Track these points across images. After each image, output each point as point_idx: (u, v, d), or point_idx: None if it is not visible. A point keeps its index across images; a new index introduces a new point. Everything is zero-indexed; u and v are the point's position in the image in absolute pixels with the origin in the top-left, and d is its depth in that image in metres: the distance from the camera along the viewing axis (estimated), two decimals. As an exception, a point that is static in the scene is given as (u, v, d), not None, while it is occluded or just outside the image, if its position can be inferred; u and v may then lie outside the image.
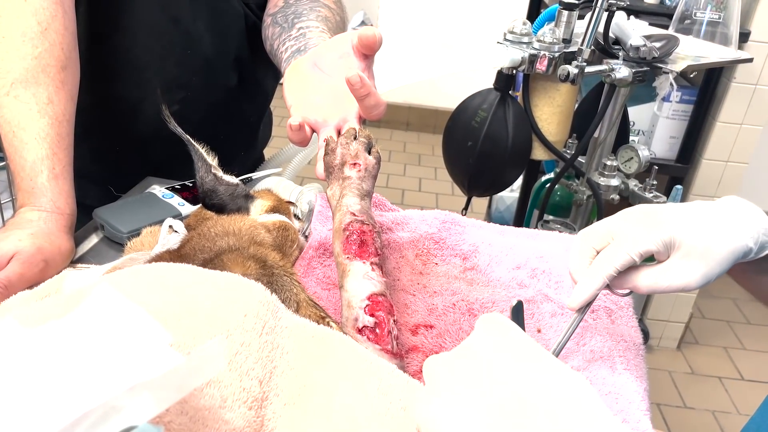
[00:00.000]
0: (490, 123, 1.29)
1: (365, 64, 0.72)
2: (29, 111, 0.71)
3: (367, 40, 0.69)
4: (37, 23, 0.72)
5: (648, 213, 0.61)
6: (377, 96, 0.67)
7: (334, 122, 0.70)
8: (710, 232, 0.58)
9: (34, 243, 0.66)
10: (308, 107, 0.71)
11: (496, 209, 2.34)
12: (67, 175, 0.73)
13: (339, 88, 0.70)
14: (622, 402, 0.60)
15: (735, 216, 0.60)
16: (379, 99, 0.67)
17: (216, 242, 0.61)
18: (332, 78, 0.73)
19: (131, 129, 0.97)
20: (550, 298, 0.72)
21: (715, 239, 0.58)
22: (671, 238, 0.58)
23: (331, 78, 0.73)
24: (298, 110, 0.72)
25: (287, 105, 0.73)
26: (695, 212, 0.60)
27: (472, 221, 0.87)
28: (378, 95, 0.67)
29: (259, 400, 0.44)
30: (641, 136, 1.88)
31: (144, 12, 0.89)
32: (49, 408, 0.26)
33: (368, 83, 0.66)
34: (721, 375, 2.10)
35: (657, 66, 1.28)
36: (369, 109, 0.68)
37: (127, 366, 0.30)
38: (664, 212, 0.60)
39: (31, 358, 0.29)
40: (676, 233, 0.58)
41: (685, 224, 0.59)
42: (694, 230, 0.58)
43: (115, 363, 0.30)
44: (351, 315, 0.56)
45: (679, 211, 0.60)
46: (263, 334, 0.48)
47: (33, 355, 0.29)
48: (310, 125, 0.70)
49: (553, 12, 1.40)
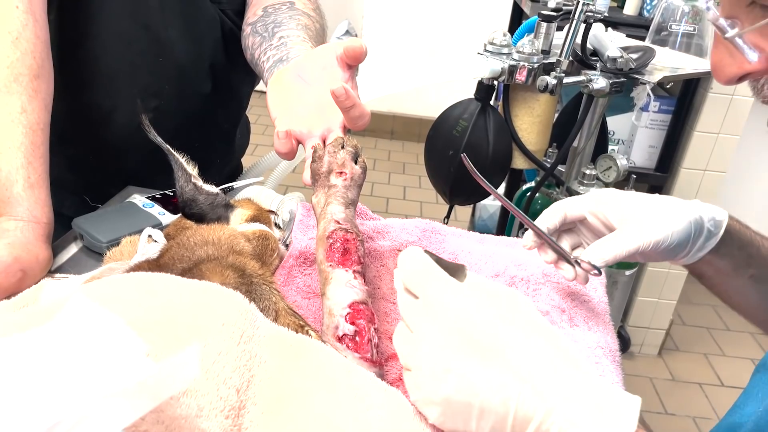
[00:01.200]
0: (470, 132, 1.30)
1: (349, 75, 0.73)
2: (2, 120, 0.70)
3: (353, 52, 0.70)
4: (8, 32, 0.71)
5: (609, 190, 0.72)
6: (362, 107, 0.68)
7: (319, 133, 0.71)
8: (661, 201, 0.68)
9: (11, 253, 0.65)
10: (293, 118, 0.72)
11: (479, 217, 2.36)
12: (44, 184, 0.72)
13: (323, 99, 0.71)
14: (598, 408, 0.61)
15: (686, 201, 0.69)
16: (363, 110, 0.68)
17: (195, 251, 0.61)
18: (316, 89, 0.73)
19: (105, 137, 0.97)
20: (528, 306, 0.73)
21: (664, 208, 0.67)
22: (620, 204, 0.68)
23: (314, 89, 0.74)
24: (282, 121, 0.72)
25: (272, 117, 0.74)
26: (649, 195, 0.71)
27: (452, 230, 0.88)
28: (362, 106, 0.68)
29: (237, 409, 0.45)
30: (620, 145, 1.91)
31: (113, 19, 0.88)
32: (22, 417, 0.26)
33: (353, 95, 0.66)
34: (702, 381, 2.13)
35: (634, 77, 1.30)
36: (354, 120, 0.69)
37: (101, 375, 0.30)
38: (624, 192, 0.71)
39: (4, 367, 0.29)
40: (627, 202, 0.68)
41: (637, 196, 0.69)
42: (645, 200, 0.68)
43: (90, 372, 0.30)
44: (332, 323, 0.56)
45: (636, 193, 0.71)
46: (241, 342, 0.48)
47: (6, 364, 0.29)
48: (296, 136, 0.71)
49: (532, 24, 1.42)
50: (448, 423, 0.46)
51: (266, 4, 0.93)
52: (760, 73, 0.54)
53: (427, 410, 0.46)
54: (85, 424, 0.26)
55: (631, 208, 0.67)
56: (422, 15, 3.38)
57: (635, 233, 0.65)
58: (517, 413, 0.43)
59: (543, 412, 0.43)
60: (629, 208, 0.67)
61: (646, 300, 2.11)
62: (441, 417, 0.46)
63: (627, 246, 0.65)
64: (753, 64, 0.53)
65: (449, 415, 0.45)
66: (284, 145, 0.71)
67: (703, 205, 0.69)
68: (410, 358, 0.48)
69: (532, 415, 0.43)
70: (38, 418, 0.26)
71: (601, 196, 0.70)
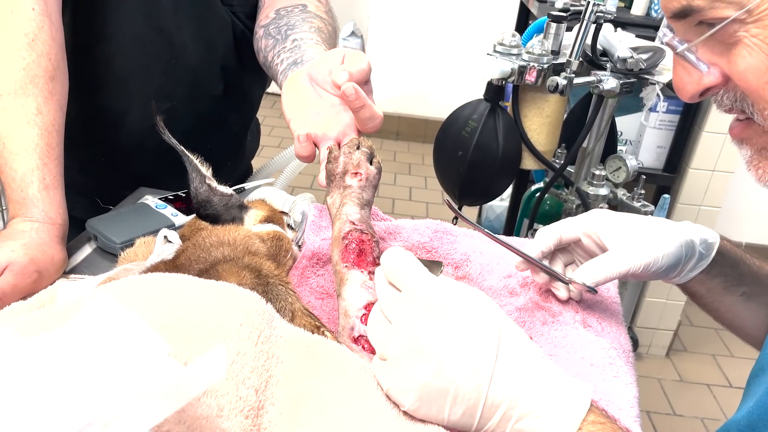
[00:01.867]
0: (480, 133, 1.31)
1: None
2: (18, 122, 0.71)
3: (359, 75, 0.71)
4: (24, 35, 0.72)
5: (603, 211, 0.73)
6: (372, 108, 0.68)
7: (333, 135, 0.72)
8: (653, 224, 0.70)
9: (27, 254, 0.66)
10: (308, 121, 0.72)
11: (486, 218, 2.35)
12: (58, 185, 0.73)
13: (336, 102, 0.71)
14: (612, 409, 0.61)
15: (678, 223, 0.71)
16: (374, 111, 0.69)
17: (211, 252, 0.61)
18: (329, 92, 0.74)
19: (117, 140, 0.97)
20: (541, 306, 0.73)
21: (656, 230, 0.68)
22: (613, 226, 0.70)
23: (327, 92, 0.74)
24: (297, 124, 0.73)
25: (286, 119, 0.74)
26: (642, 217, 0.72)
27: (464, 230, 0.88)
28: (373, 108, 0.68)
29: (256, 409, 0.45)
30: (629, 145, 1.91)
31: (127, 22, 0.89)
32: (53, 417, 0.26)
33: (363, 95, 0.67)
34: (710, 382, 2.12)
35: (644, 77, 1.30)
36: (364, 122, 0.69)
37: (127, 375, 0.30)
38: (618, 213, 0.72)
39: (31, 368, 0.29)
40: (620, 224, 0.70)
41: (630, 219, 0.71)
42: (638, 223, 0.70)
43: (116, 372, 0.31)
44: (347, 324, 0.56)
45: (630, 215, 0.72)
46: (259, 343, 0.48)
47: (33, 364, 0.30)
48: (312, 139, 0.72)
49: (541, 24, 1.42)
50: (423, 409, 0.47)
51: (279, 7, 0.93)
52: (719, 87, 0.57)
53: (402, 398, 0.48)
54: (116, 425, 0.26)
55: (624, 230, 0.69)
56: (428, 16, 3.38)
57: (626, 255, 0.67)
58: (487, 399, 0.46)
59: (510, 398, 0.46)
60: (622, 231, 0.69)
61: (654, 301, 2.10)
62: (416, 403, 0.47)
63: (618, 268, 0.67)
64: (709, 79, 0.56)
65: (425, 401, 0.47)
66: (305, 149, 0.71)
67: (695, 228, 0.71)
68: (387, 346, 0.50)
69: (500, 401, 0.46)
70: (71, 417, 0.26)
71: (596, 218, 0.72)
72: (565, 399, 0.47)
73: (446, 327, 0.48)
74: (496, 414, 0.46)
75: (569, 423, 0.46)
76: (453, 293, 0.50)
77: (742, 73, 0.53)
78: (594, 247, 0.72)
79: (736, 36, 0.52)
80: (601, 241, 0.70)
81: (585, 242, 0.72)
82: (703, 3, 0.52)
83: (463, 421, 0.47)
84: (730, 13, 0.51)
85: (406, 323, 0.49)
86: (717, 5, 0.51)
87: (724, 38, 0.53)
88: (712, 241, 0.71)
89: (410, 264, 0.52)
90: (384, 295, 0.53)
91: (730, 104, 0.57)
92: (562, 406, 0.46)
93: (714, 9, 0.52)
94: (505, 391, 0.46)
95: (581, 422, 0.46)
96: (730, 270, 0.73)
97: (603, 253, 0.70)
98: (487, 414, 0.47)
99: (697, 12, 0.53)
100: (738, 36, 0.52)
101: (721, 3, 0.51)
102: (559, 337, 0.68)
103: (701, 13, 0.53)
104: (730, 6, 0.51)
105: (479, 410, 0.46)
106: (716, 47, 0.55)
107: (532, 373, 0.47)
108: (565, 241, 0.73)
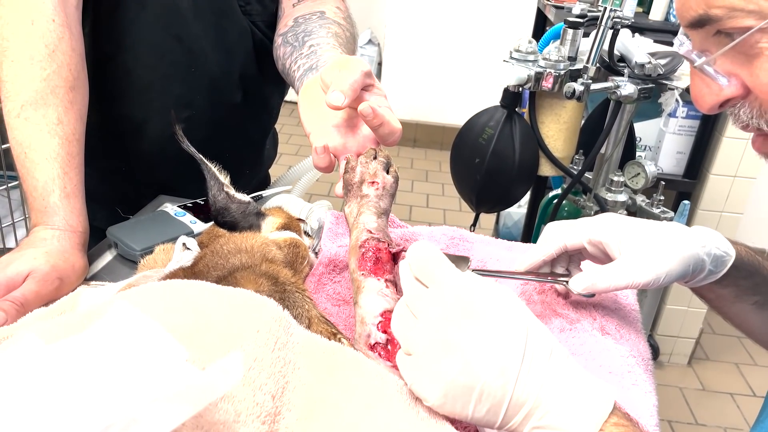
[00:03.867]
0: (497, 140, 1.30)
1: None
2: (39, 132, 0.72)
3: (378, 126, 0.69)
4: (45, 46, 0.73)
5: (612, 216, 0.70)
6: (391, 124, 0.68)
7: (354, 148, 0.72)
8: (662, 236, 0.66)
9: (49, 261, 0.67)
10: (327, 135, 0.73)
11: (503, 225, 2.35)
12: (79, 194, 0.74)
13: (352, 113, 0.71)
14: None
15: (691, 232, 0.67)
16: (392, 127, 0.68)
17: (229, 259, 0.62)
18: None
19: (137, 149, 0.98)
20: (559, 313, 0.73)
21: (664, 243, 0.65)
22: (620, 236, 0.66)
23: None
24: (317, 137, 0.73)
25: (306, 131, 0.75)
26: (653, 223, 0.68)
27: (480, 237, 0.88)
28: (392, 123, 0.68)
29: (272, 415, 0.45)
30: (648, 151, 1.89)
31: (146, 31, 0.90)
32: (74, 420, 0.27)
33: (380, 114, 0.66)
34: (733, 391, 2.08)
35: (662, 83, 1.29)
36: (384, 137, 0.69)
37: (146, 380, 0.31)
38: (627, 219, 0.69)
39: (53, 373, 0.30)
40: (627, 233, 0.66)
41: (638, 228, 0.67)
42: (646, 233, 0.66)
43: (135, 377, 0.31)
44: (364, 331, 0.56)
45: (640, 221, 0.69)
46: (275, 349, 0.48)
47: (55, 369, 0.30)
48: (332, 152, 0.72)
49: (558, 30, 1.42)
50: (448, 406, 0.47)
51: (297, 15, 0.94)
52: (738, 98, 0.55)
53: (426, 393, 0.48)
54: (134, 428, 0.27)
55: (631, 241, 0.66)
56: (444, 23, 3.38)
57: (628, 271, 0.64)
58: (512, 398, 0.46)
59: (534, 398, 0.46)
60: (629, 242, 0.66)
61: (675, 308, 2.08)
62: (441, 399, 0.47)
63: (617, 282, 0.65)
64: (729, 90, 0.54)
65: (449, 398, 0.47)
66: (323, 160, 0.71)
67: (710, 240, 0.67)
68: (413, 342, 0.49)
69: (525, 400, 0.46)
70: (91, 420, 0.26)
71: (602, 225, 0.69)
72: (588, 400, 0.46)
73: (474, 324, 0.47)
74: (520, 412, 0.46)
75: (591, 423, 0.45)
76: (481, 290, 0.50)
77: (765, 86, 0.51)
78: (600, 255, 0.70)
79: (758, 47, 0.50)
80: (607, 250, 0.68)
81: (590, 250, 0.70)
82: (721, 12, 0.50)
83: (487, 418, 0.47)
84: (751, 23, 0.49)
85: (433, 319, 0.48)
86: (736, 15, 0.49)
87: (744, 49, 0.51)
88: (726, 258, 0.67)
89: (438, 259, 0.51)
90: (410, 289, 0.52)
91: (746, 120, 0.55)
92: (584, 407, 0.46)
93: (733, 19, 0.50)
94: (530, 390, 0.46)
95: (603, 423, 0.45)
96: (744, 281, 0.70)
97: (608, 261, 0.68)
98: (511, 412, 0.46)
99: (714, 21, 0.51)
100: (760, 47, 0.50)
101: (740, 12, 0.49)
102: (576, 344, 0.68)
103: (719, 22, 0.51)
104: (750, 16, 0.49)
105: (504, 408, 0.46)
106: (736, 58, 0.53)
107: (557, 374, 0.47)
108: (570, 249, 0.71)
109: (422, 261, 0.51)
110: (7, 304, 0.61)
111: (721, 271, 0.67)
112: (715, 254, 0.66)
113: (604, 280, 0.65)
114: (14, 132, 0.73)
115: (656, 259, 0.64)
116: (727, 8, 0.50)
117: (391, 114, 0.69)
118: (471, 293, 0.49)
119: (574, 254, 0.73)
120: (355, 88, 0.67)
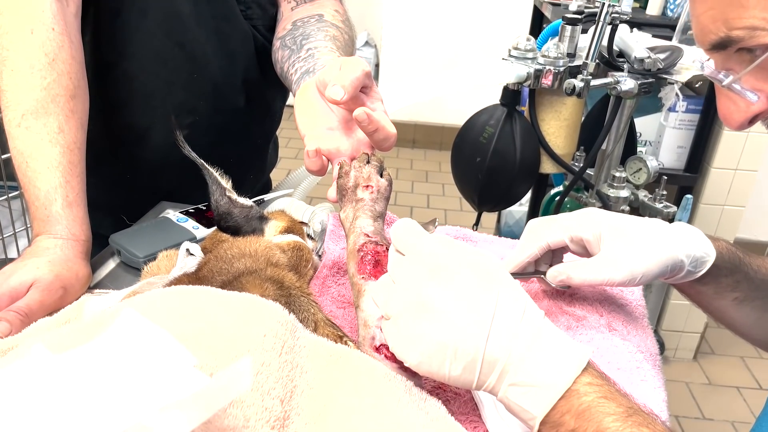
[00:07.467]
0: (497, 138, 1.30)
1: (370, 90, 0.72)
2: (41, 141, 0.72)
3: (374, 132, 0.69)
4: (45, 54, 0.73)
5: (593, 212, 0.71)
6: (386, 129, 0.68)
7: (348, 152, 0.72)
8: (641, 235, 0.67)
9: (52, 270, 0.67)
10: (321, 138, 0.72)
11: (505, 224, 2.34)
12: (81, 202, 0.74)
13: (347, 116, 0.71)
14: (641, 413, 0.60)
15: (672, 230, 0.68)
16: (387, 132, 0.68)
17: (233, 264, 0.62)
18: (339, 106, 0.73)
19: (140, 156, 0.98)
20: (565, 311, 0.72)
21: (643, 243, 0.66)
22: (600, 233, 0.67)
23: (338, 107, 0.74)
24: (311, 140, 0.72)
25: (301, 134, 0.74)
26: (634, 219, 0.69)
27: (484, 236, 0.87)
28: (387, 128, 0.68)
29: (281, 420, 0.45)
30: (648, 146, 1.89)
31: (148, 39, 0.90)
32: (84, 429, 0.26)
33: (375, 119, 0.66)
34: (739, 385, 2.08)
35: (662, 77, 1.28)
36: (379, 143, 0.69)
37: (155, 388, 0.31)
38: (608, 214, 0.70)
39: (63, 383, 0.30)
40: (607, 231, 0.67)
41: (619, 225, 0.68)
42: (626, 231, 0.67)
43: (144, 385, 0.31)
44: (368, 334, 0.56)
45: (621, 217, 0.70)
46: (282, 353, 0.48)
47: (65, 379, 0.30)
48: (325, 155, 0.71)
49: (556, 27, 1.42)
50: (425, 365, 0.49)
51: (295, 18, 0.94)
52: (767, 112, 0.56)
53: (405, 354, 0.49)
54: (145, 436, 0.27)
55: (610, 238, 0.67)
56: (441, 24, 3.38)
57: (604, 268, 0.65)
58: (485, 356, 0.47)
59: (507, 355, 0.47)
60: (608, 238, 0.67)
61: (680, 303, 2.07)
62: (418, 358, 0.49)
63: (591, 278, 0.66)
64: (758, 106, 0.55)
65: (425, 357, 0.48)
66: (314, 164, 0.71)
67: (690, 241, 0.67)
68: (391, 306, 0.51)
69: (497, 358, 0.47)
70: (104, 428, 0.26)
71: (582, 222, 0.69)
72: (562, 357, 0.47)
73: (445, 284, 0.49)
74: (495, 370, 0.47)
75: (563, 378, 0.46)
76: (455, 253, 0.52)
77: None
78: (582, 252, 0.70)
79: None
80: (588, 246, 0.69)
81: (572, 248, 0.71)
82: (743, 33, 0.50)
83: (465, 376, 0.48)
84: None
85: (408, 282, 0.50)
86: (757, 34, 0.50)
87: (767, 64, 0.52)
88: (706, 259, 0.68)
89: (414, 229, 0.54)
90: (391, 260, 0.54)
91: None
92: (557, 363, 0.47)
93: (754, 38, 0.50)
94: (502, 346, 0.47)
95: (575, 379, 0.46)
96: (724, 278, 0.70)
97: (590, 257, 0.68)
98: (486, 370, 0.48)
99: (736, 43, 0.52)
100: None
101: (762, 32, 0.50)
102: (584, 341, 0.68)
103: (741, 42, 0.51)
104: None
105: (478, 366, 0.47)
106: (760, 73, 0.53)
107: (531, 332, 0.48)
108: (552, 247, 0.71)
109: (400, 233, 0.54)
110: (12, 314, 0.61)
111: (701, 271, 0.68)
112: (695, 255, 0.67)
113: (579, 274, 0.67)
114: (15, 141, 0.72)
115: (634, 259, 0.65)
116: (747, 29, 0.50)
117: (387, 119, 0.69)
118: (445, 256, 0.51)
119: (558, 249, 0.73)
120: (355, 84, 0.67)
